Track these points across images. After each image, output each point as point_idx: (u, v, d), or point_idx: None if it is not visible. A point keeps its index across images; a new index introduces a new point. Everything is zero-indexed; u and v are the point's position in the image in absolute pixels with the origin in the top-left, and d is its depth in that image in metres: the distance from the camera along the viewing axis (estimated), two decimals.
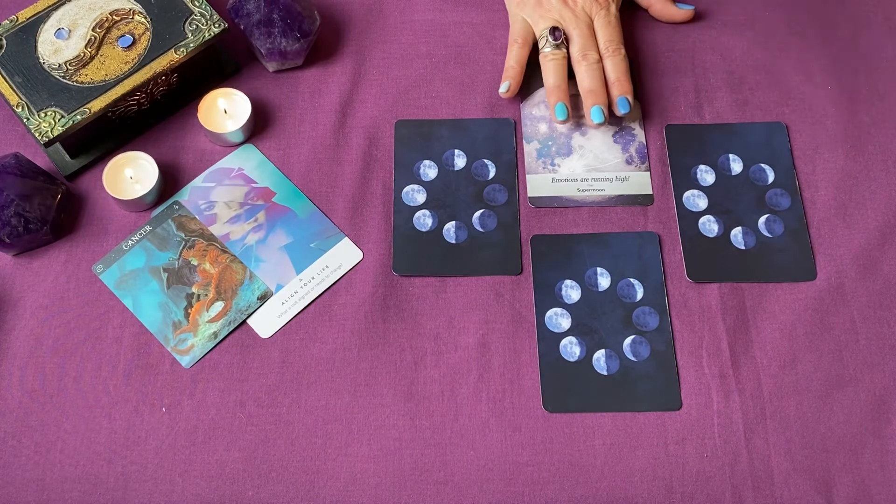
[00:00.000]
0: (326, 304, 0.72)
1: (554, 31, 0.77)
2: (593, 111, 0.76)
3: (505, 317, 0.72)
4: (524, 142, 0.79)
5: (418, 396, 0.69)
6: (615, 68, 0.77)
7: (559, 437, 0.67)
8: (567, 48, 0.78)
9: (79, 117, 0.71)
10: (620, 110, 0.77)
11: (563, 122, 0.77)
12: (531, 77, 0.80)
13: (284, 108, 0.80)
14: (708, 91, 0.81)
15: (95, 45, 0.74)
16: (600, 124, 0.77)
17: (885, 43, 0.83)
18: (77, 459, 0.66)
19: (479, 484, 0.66)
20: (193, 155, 0.78)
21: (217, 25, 0.75)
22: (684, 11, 0.83)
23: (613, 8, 0.80)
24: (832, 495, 0.66)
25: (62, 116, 0.71)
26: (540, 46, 0.79)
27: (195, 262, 0.73)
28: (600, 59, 0.78)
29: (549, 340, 0.71)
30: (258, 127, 0.79)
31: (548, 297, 0.72)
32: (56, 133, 0.70)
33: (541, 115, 0.80)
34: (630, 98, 0.77)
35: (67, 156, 0.76)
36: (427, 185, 0.77)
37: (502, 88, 0.78)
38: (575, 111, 0.79)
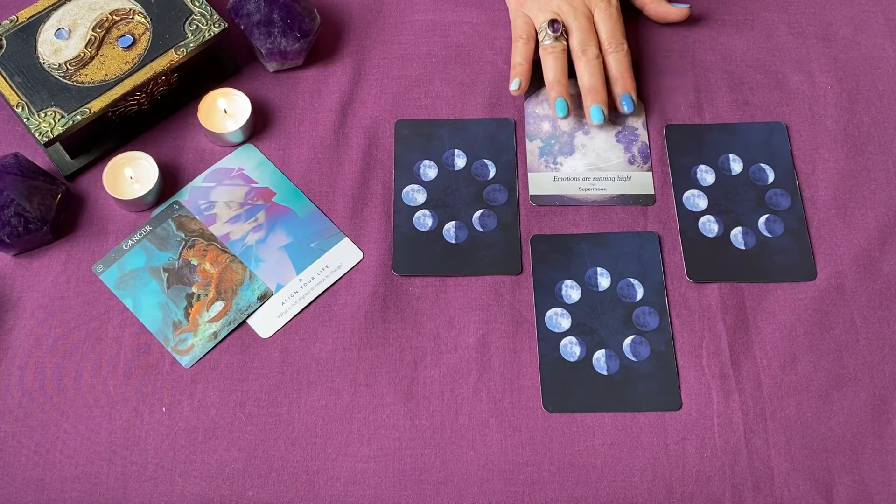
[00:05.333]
0: (326, 304, 0.72)
1: (553, 23, 0.77)
2: (593, 110, 0.75)
3: (505, 317, 0.72)
4: (527, 140, 0.78)
5: (418, 396, 0.69)
6: (617, 64, 0.77)
7: (559, 437, 0.67)
8: (567, 41, 0.78)
9: (79, 117, 0.71)
10: (625, 109, 0.76)
11: (564, 118, 0.76)
12: (534, 75, 0.80)
13: (284, 108, 0.80)
14: (708, 91, 0.81)
15: (95, 45, 0.74)
16: (600, 124, 0.76)
17: (885, 43, 0.83)
18: (77, 459, 0.66)
19: (479, 484, 0.66)
20: (193, 155, 0.78)
21: (217, 25, 0.75)
22: (679, 10, 0.82)
23: (615, 0, 0.79)
24: (832, 495, 0.66)
25: (62, 116, 0.71)
26: (539, 39, 0.78)
27: (195, 262, 0.73)
28: (601, 54, 0.77)
29: (549, 340, 0.71)
30: (258, 127, 0.79)
31: (548, 297, 0.72)
32: (56, 133, 0.70)
33: (544, 114, 0.80)
34: (634, 95, 0.76)
35: (67, 156, 0.76)
36: (427, 185, 0.77)
37: (513, 86, 0.77)
38: (577, 109, 0.79)
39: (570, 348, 0.70)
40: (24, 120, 0.71)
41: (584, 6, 0.78)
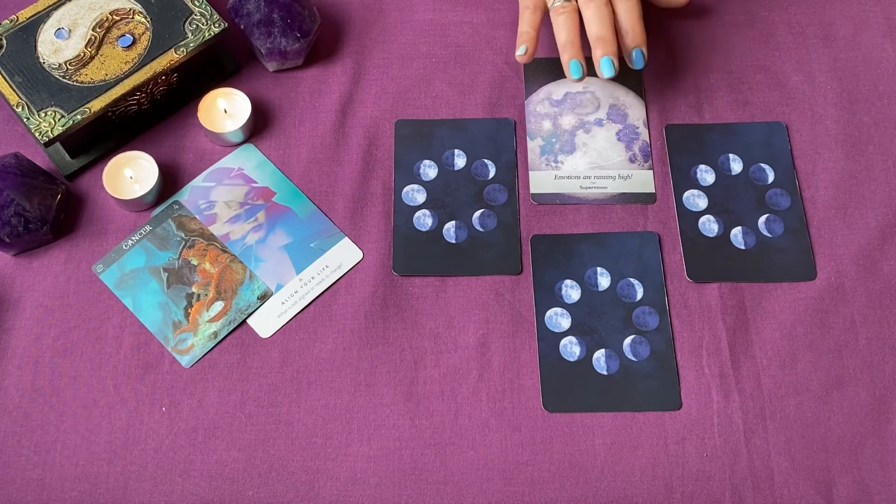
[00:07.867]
0: (326, 304, 0.72)
1: None
2: (603, 62, 0.71)
3: (505, 317, 0.72)
4: (528, 138, 0.78)
5: (418, 396, 0.69)
6: (628, 14, 0.72)
7: (559, 437, 0.67)
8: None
9: (79, 117, 0.71)
10: (636, 65, 0.73)
11: (579, 80, 0.72)
12: (537, 72, 0.80)
13: (284, 108, 0.80)
14: (708, 91, 0.81)
15: (95, 44, 0.74)
16: (611, 78, 0.72)
17: (885, 43, 0.83)
18: (77, 459, 0.66)
19: (479, 484, 0.66)
20: (193, 155, 0.78)
21: (217, 25, 0.75)
22: None
23: None
24: (832, 495, 0.66)
25: (62, 116, 0.71)
26: (549, 4, 0.74)
27: (195, 262, 0.73)
28: (609, 3, 0.72)
29: (549, 340, 0.71)
30: (258, 127, 0.79)
31: (548, 296, 0.72)
32: (56, 133, 0.70)
33: (545, 112, 0.80)
34: (645, 50, 0.73)
35: (67, 156, 0.76)
36: (427, 185, 0.77)
37: (519, 51, 0.74)
38: (577, 108, 0.79)
39: (570, 348, 0.70)
40: (24, 120, 0.71)
41: None
